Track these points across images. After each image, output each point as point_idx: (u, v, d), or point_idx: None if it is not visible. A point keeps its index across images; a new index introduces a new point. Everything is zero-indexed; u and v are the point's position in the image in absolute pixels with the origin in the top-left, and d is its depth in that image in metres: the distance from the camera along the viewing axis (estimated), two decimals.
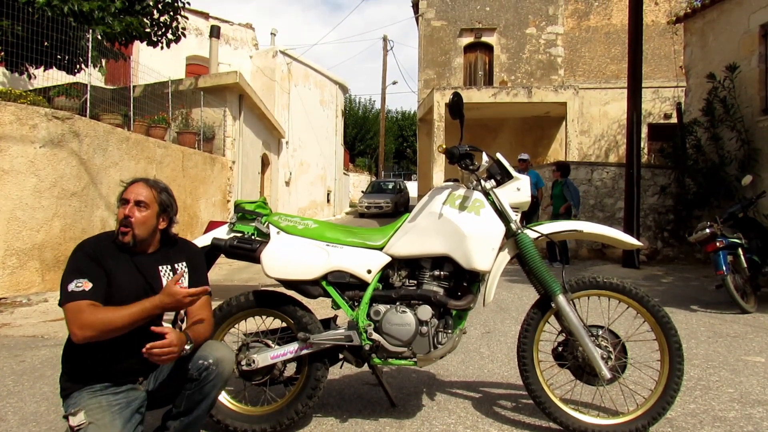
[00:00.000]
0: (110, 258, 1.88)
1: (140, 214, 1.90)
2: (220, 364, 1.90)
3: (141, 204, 1.91)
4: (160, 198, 1.97)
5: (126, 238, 1.89)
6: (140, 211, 1.90)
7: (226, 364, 1.94)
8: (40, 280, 6.02)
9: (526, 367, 2.35)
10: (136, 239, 1.90)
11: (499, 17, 17.63)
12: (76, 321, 1.72)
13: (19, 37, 6.66)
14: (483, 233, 2.28)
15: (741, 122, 7.95)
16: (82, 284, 1.77)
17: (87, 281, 1.78)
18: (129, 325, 1.75)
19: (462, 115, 2.35)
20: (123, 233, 1.89)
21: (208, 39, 14.66)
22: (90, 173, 6.76)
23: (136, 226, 1.89)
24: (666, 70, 16.27)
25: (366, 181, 31.00)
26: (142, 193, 1.92)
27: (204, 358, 1.89)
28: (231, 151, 11.28)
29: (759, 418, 2.55)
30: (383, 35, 33.48)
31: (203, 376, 1.88)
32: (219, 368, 1.90)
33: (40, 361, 3.57)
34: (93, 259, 1.84)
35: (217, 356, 1.91)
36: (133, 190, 1.93)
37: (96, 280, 1.80)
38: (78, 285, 1.77)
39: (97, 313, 1.73)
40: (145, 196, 1.92)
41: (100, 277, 1.82)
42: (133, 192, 1.92)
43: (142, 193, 1.92)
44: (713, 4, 8.80)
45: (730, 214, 5.79)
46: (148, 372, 1.96)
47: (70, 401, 1.83)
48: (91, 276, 1.80)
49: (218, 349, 1.95)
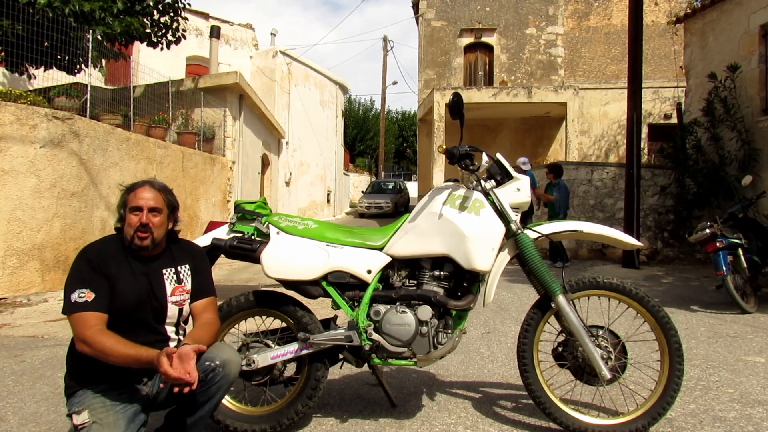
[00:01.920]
0: (114, 263, 1.90)
1: (156, 219, 1.94)
2: (226, 366, 1.90)
3: (155, 210, 1.95)
4: (168, 199, 2.02)
5: (146, 242, 1.92)
6: (155, 216, 1.94)
7: (233, 367, 1.94)
8: (40, 281, 6.03)
9: (526, 367, 2.35)
10: (155, 243, 1.95)
11: (499, 17, 17.63)
12: (79, 334, 1.77)
13: (20, 37, 6.67)
14: (483, 233, 2.28)
15: (741, 122, 7.95)
16: (84, 295, 1.80)
17: (90, 291, 1.81)
18: (122, 362, 1.75)
19: (462, 116, 2.35)
20: (142, 238, 1.92)
21: (208, 39, 14.66)
22: (90, 173, 6.76)
23: (154, 231, 1.93)
24: (666, 70, 16.28)
25: (366, 181, 31.01)
26: (152, 198, 1.96)
27: (211, 360, 1.88)
28: (231, 151, 11.28)
29: (759, 418, 2.55)
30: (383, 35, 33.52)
31: (209, 378, 1.88)
32: (225, 370, 1.90)
33: (40, 361, 3.57)
34: (95, 267, 1.86)
35: (224, 358, 1.91)
36: (143, 195, 1.95)
37: (98, 289, 1.83)
38: (81, 295, 1.80)
39: (101, 337, 1.76)
40: (156, 202, 1.96)
41: (103, 286, 1.84)
42: (143, 198, 1.94)
43: (153, 199, 1.95)
44: (713, 5, 8.81)
45: (730, 214, 5.79)
46: (153, 372, 1.95)
47: (74, 400, 1.83)
48: (94, 286, 1.82)
49: (225, 351, 1.95)
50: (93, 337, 1.75)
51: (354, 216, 21.69)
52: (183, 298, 2.01)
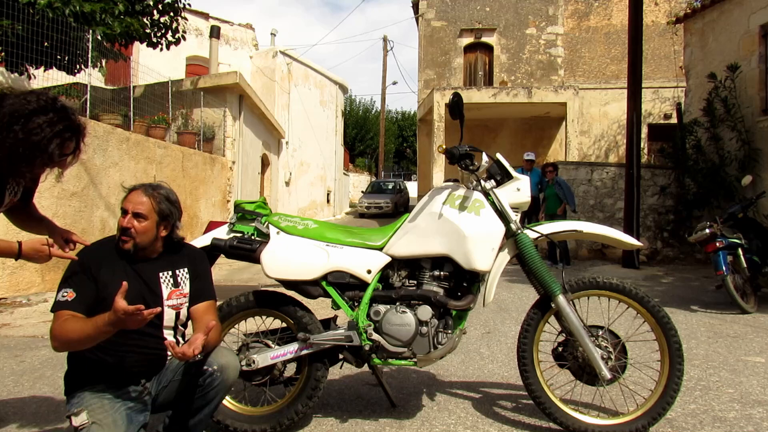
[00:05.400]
0: (107, 265, 1.89)
1: (139, 225, 1.90)
2: (224, 371, 1.90)
3: (139, 216, 1.90)
4: (159, 207, 1.94)
5: (126, 245, 1.90)
6: (139, 222, 1.90)
7: (231, 372, 1.93)
8: (40, 281, 6.03)
9: (526, 367, 2.35)
10: (137, 247, 1.92)
11: (499, 17, 17.62)
12: (55, 329, 1.74)
13: (20, 37, 6.66)
14: (483, 233, 2.28)
15: (741, 122, 7.95)
16: (67, 294, 1.80)
17: (72, 291, 1.81)
18: (86, 339, 1.68)
19: (462, 116, 2.35)
20: (123, 241, 1.90)
21: (208, 39, 14.66)
22: (90, 173, 6.76)
23: (135, 236, 1.90)
24: (666, 70, 16.27)
25: (366, 181, 31.00)
26: (140, 203, 1.91)
27: (209, 365, 1.88)
28: (231, 151, 11.29)
29: (759, 419, 2.55)
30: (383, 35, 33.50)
31: (207, 383, 1.87)
32: (223, 375, 1.89)
33: (40, 361, 3.57)
34: (84, 268, 1.86)
35: (222, 363, 1.90)
36: (132, 199, 1.92)
37: (81, 289, 1.82)
38: (63, 295, 1.80)
39: (63, 327, 1.73)
40: (143, 208, 1.90)
41: (87, 287, 1.83)
42: (131, 202, 1.91)
43: (140, 204, 1.90)
44: (713, 5, 8.81)
45: (730, 214, 5.79)
46: (151, 375, 1.96)
47: (73, 401, 1.83)
48: (77, 286, 1.82)
49: (223, 356, 1.94)
50: (57, 329, 1.72)
51: (354, 216, 21.69)
52: (180, 301, 2.00)
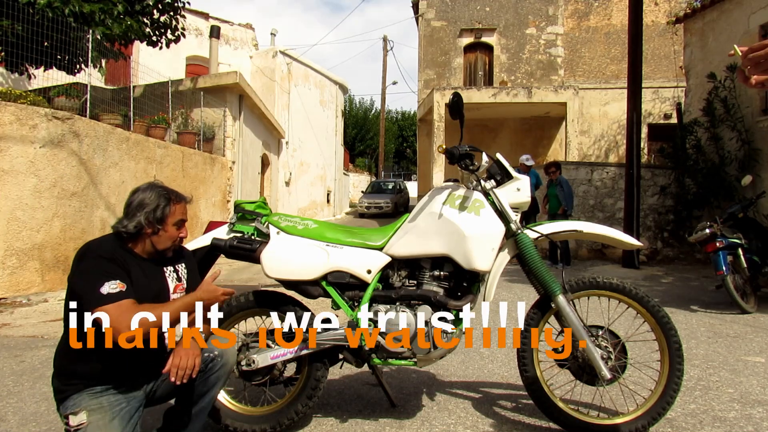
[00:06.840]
0: (129, 262, 1.90)
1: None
2: (224, 354, 2.01)
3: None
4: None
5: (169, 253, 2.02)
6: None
7: (230, 356, 2.05)
8: (40, 281, 6.02)
9: (526, 367, 2.35)
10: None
11: (499, 17, 17.62)
12: (124, 321, 1.69)
13: (20, 36, 6.67)
14: (483, 233, 2.27)
15: (741, 122, 7.95)
16: (116, 286, 1.76)
17: (120, 282, 1.78)
18: (173, 322, 1.81)
19: (462, 116, 2.35)
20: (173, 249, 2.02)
21: (208, 39, 14.66)
22: (90, 173, 6.76)
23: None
24: (666, 70, 16.27)
25: (366, 181, 31.00)
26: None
27: (209, 351, 1.98)
28: (231, 151, 11.29)
29: (759, 418, 2.55)
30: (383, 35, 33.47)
31: (209, 368, 1.96)
32: (224, 359, 2.00)
33: (40, 361, 3.57)
34: (115, 261, 1.84)
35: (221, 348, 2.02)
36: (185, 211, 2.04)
37: (126, 280, 1.81)
38: (113, 287, 1.75)
39: (127, 314, 1.71)
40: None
41: (127, 277, 1.83)
42: (185, 214, 2.03)
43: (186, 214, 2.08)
44: (713, 5, 8.81)
45: (730, 214, 5.79)
46: (151, 374, 1.96)
47: (69, 402, 1.81)
48: (121, 277, 1.80)
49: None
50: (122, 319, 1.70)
51: (354, 216, 21.68)
52: (182, 295, 2.03)
